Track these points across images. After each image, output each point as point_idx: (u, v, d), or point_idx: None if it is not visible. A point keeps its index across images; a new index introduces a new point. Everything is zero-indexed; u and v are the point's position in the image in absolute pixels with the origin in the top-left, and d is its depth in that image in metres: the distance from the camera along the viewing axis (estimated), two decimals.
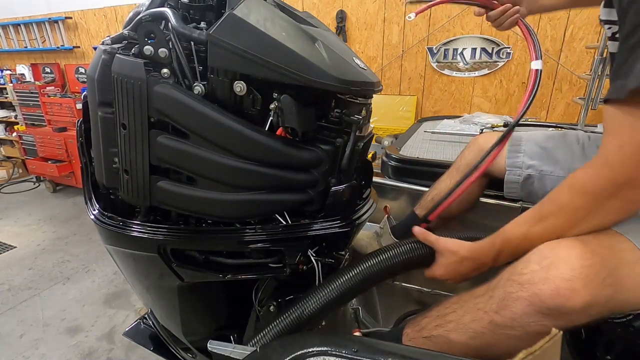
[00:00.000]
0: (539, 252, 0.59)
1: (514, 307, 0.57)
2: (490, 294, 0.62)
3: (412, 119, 2.92)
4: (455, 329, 0.64)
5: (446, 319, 0.66)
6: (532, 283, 0.56)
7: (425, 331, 0.67)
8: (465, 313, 0.64)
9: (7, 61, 5.16)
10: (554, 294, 0.54)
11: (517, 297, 0.57)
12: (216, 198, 0.68)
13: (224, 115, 0.63)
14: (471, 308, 0.64)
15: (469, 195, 1.11)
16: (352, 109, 0.71)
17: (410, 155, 1.40)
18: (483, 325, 0.61)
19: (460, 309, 0.65)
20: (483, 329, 0.61)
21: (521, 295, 0.57)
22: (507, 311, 0.58)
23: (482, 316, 0.61)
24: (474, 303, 0.64)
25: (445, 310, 0.67)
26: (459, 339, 0.63)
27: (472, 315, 0.63)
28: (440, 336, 0.65)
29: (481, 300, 0.63)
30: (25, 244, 3.18)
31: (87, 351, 2.02)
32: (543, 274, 0.56)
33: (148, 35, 0.63)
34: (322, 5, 3.10)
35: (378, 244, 1.17)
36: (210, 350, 0.81)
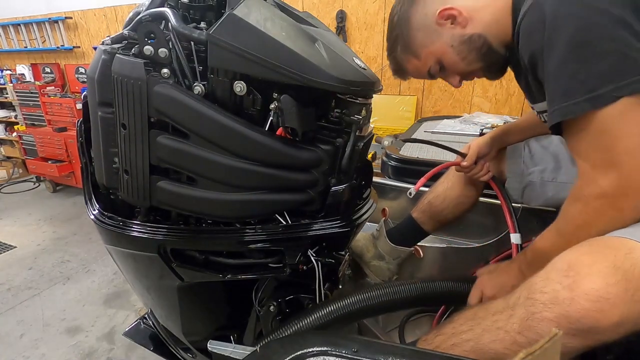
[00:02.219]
0: (557, 269, 0.57)
1: (539, 328, 0.54)
2: (509, 312, 0.59)
3: (412, 119, 2.92)
4: (474, 350, 0.60)
5: (462, 337, 0.62)
6: (557, 303, 0.54)
7: (440, 350, 0.64)
8: (483, 332, 0.61)
9: (7, 61, 5.16)
10: (582, 316, 0.52)
11: (542, 317, 0.54)
12: (216, 198, 0.68)
13: (224, 115, 0.63)
14: (490, 327, 0.60)
15: (466, 199, 1.11)
16: (352, 109, 0.71)
17: (410, 155, 1.40)
18: (505, 346, 0.58)
19: (477, 326, 0.62)
20: (505, 350, 0.57)
21: (546, 316, 0.54)
22: (532, 332, 0.55)
23: (504, 336, 0.58)
24: (492, 321, 0.61)
25: (460, 328, 0.64)
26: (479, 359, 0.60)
27: (492, 335, 0.59)
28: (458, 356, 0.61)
29: (500, 318, 0.60)
30: (25, 244, 3.18)
31: (87, 351, 2.02)
32: (567, 295, 0.53)
33: (148, 35, 0.63)
34: (322, 5, 3.10)
35: (374, 247, 1.17)
36: (210, 350, 0.81)
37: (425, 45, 0.83)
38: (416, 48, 0.85)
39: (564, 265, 0.56)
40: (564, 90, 0.63)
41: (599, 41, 0.59)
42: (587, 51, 0.59)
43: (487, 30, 0.79)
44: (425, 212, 1.12)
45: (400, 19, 0.85)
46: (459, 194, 1.11)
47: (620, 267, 0.53)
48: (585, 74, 0.60)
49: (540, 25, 0.63)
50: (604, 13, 0.58)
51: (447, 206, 1.11)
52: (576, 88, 0.61)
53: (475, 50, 0.81)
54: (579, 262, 0.56)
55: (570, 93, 0.62)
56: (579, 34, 0.60)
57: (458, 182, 1.13)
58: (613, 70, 0.59)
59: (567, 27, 0.60)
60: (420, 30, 0.83)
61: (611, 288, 0.52)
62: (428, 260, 1.29)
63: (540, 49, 0.64)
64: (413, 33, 0.83)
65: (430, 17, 0.81)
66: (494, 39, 0.79)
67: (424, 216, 1.12)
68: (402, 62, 0.90)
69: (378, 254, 1.16)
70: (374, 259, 1.16)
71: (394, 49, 0.88)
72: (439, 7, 0.79)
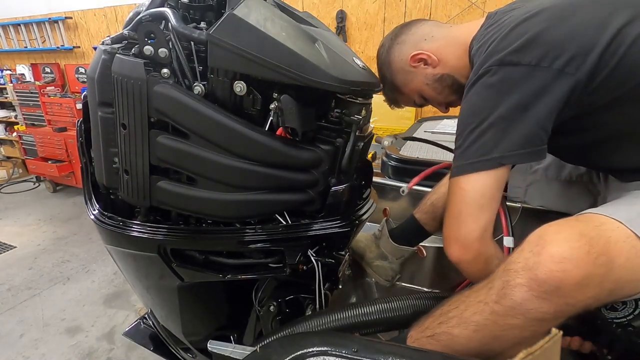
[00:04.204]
0: (529, 241, 0.60)
1: (513, 294, 0.58)
2: (489, 285, 0.63)
3: (412, 119, 2.92)
4: (458, 324, 0.64)
5: (448, 315, 0.66)
6: (527, 269, 0.57)
7: (429, 330, 0.68)
8: (466, 307, 0.64)
9: (7, 61, 5.16)
10: (548, 277, 0.55)
11: (515, 284, 0.58)
12: (216, 198, 0.68)
13: (224, 115, 0.63)
14: (472, 302, 0.64)
15: None
16: (352, 109, 0.71)
17: (410, 155, 1.40)
18: (485, 317, 0.61)
19: (462, 304, 0.66)
20: (485, 321, 0.61)
21: (519, 282, 0.58)
22: (507, 299, 0.58)
23: (483, 308, 0.61)
24: (474, 297, 0.65)
25: (447, 308, 0.68)
26: (462, 333, 0.63)
27: (473, 308, 0.63)
28: (443, 333, 0.65)
29: (481, 293, 0.63)
30: (25, 244, 3.18)
31: (87, 351, 2.03)
32: (535, 259, 0.57)
33: (148, 35, 0.63)
34: (322, 5, 3.10)
35: (377, 247, 1.17)
36: (210, 350, 0.81)
37: (406, 84, 0.96)
38: (399, 86, 0.97)
39: (535, 237, 0.60)
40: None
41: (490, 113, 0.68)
42: (485, 123, 0.68)
43: (454, 70, 0.89)
44: (428, 213, 1.12)
45: (383, 63, 0.97)
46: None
47: (586, 234, 0.57)
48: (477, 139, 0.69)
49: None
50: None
51: None
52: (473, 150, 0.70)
53: (447, 87, 0.91)
54: (547, 232, 0.59)
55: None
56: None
57: None
58: (500, 140, 0.67)
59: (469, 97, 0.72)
60: (400, 73, 0.95)
61: (574, 250, 0.56)
62: (429, 260, 1.29)
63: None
64: (394, 75, 0.96)
65: (405, 60, 0.92)
66: (461, 76, 0.88)
67: (427, 217, 1.12)
68: (392, 97, 1.04)
69: (381, 253, 1.16)
70: (377, 258, 1.16)
71: (384, 86, 1.00)
72: (412, 51, 0.90)
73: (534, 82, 0.65)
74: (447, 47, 0.88)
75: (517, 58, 0.66)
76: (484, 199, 0.70)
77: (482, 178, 0.69)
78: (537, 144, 0.68)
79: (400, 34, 0.94)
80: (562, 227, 0.60)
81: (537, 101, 0.66)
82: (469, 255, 0.73)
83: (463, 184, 0.71)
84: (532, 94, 0.65)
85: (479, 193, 0.70)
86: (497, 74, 0.68)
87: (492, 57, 0.69)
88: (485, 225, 0.71)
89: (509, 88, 0.67)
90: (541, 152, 0.69)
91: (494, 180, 0.70)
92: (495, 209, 0.72)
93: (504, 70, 0.67)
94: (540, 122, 0.66)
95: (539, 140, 0.67)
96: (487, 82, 0.69)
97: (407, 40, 0.92)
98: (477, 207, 0.70)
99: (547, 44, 0.65)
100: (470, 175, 0.70)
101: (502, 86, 0.67)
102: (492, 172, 0.69)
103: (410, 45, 0.91)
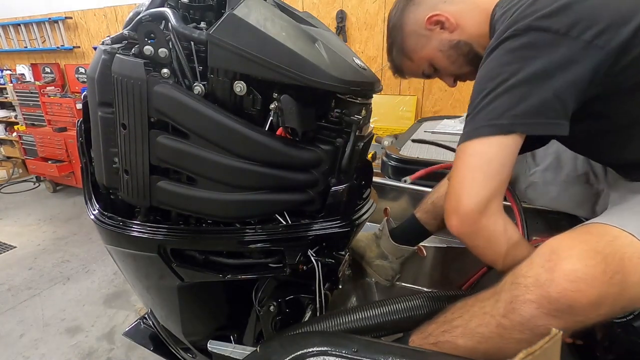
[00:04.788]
0: (540, 254, 0.59)
1: (522, 310, 0.56)
2: (496, 297, 0.61)
3: (412, 119, 2.92)
4: (463, 334, 0.62)
5: (453, 324, 0.65)
6: (538, 285, 0.55)
7: (432, 337, 0.66)
8: (472, 317, 0.63)
9: (7, 61, 5.16)
10: (561, 296, 0.53)
11: (524, 300, 0.56)
12: (216, 198, 0.68)
13: (224, 115, 0.63)
14: (477, 312, 0.62)
15: None
16: (352, 109, 0.71)
17: (410, 155, 1.40)
18: (491, 330, 0.59)
19: (466, 313, 0.64)
20: (491, 334, 0.59)
21: (529, 298, 0.56)
22: (515, 315, 0.57)
23: (490, 320, 0.60)
24: (480, 307, 0.63)
25: (451, 316, 0.66)
26: (467, 344, 0.62)
27: (479, 319, 0.62)
28: (447, 342, 0.64)
29: (487, 304, 0.62)
30: (25, 244, 3.18)
31: (87, 351, 2.03)
32: (548, 276, 0.55)
33: (148, 35, 0.63)
34: (322, 5, 3.10)
35: (377, 247, 1.17)
36: (210, 350, 0.81)
37: (417, 49, 0.89)
38: (409, 52, 0.91)
39: (547, 250, 0.58)
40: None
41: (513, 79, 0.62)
42: (500, 88, 0.63)
43: (472, 38, 0.83)
44: (429, 212, 1.12)
45: (395, 26, 0.90)
46: None
47: (601, 251, 0.56)
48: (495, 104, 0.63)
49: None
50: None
51: None
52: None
53: (462, 55, 0.85)
54: (560, 246, 0.58)
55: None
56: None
57: None
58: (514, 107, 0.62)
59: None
60: (412, 36, 0.88)
61: (589, 269, 0.54)
62: (429, 260, 1.29)
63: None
64: (406, 38, 0.89)
65: (420, 22, 0.86)
66: (478, 45, 0.83)
67: (428, 216, 1.12)
68: (398, 65, 0.96)
69: (381, 253, 1.16)
70: (377, 258, 1.16)
71: (391, 52, 0.95)
72: (428, 12, 0.84)
73: (559, 52, 0.60)
74: (467, 12, 0.82)
75: (546, 24, 0.61)
76: (490, 167, 0.64)
77: (489, 143, 0.63)
78: (551, 117, 0.62)
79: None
80: (576, 242, 0.58)
81: (560, 72, 0.61)
82: (468, 227, 0.66)
83: (469, 149, 0.65)
84: (556, 63, 0.60)
85: (485, 160, 0.64)
86: (521, 39, 0.62)
87: (518, 22, 0.64)
88: (489, 196, 0.64)
89: (532, 54, 0.61)
90: (556, 126, 0.62)
91: (503, 148, 0.63)
92: (503, 181, 0.65)
93: (530, 36, 0.62)
94: (560, 94, 0.61)
95: (554, 113, 0.62)
96: (509, 46, 0.64)
97: (424, 1, 0.86)
98: (481, 175, 0.64)
99: (579, 12, 0.60)
100: (477, 140, 0.64)
101: (525, 52, 0.62)
102: (501, 138, 0.63)
103: (427, 7, 0.85)
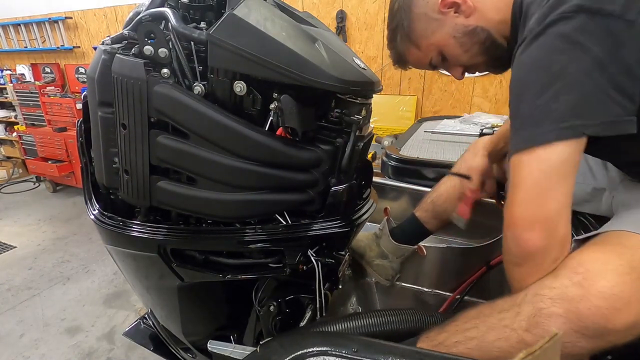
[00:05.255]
0: (567, 267, 0.55)
1: (548, 324, 0.52)
2: (516, 309, 0.56)
3: (412, 119, 2.92)
4: (479, 347, 0.58)
5: (467, 335, 0.60)
6: (566, 299, 0.51)
7: (443, 347, 0.61)
8: (488, 330, 0.58)
9: (7, 61, 5.16)
10: (593, 314, 0.49)
11: (550, 313, 0.52)
12: (216, 198, 0.68)
13: (224, 115, 0.63)
14: (495, 324, 0.58)
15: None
16: (352, 109, 0.71)
17: (410, 155, 1.40)
18: (511, 345, 0.55)
19: (482, 324, 0.59)
20: (511, 349, 0.55)
21: (555, 311, 0.52)
22: (540, 329, 0.52)
23: (510, 334, 0.55)
24: (498, 319, 0.58)
25: (465, 325, 0.61)
26: (482, 358, 0.57)
27: (497, 332, 0.57)
28: (461, 354, 0.59)
29: (507, 316, 0.57)
30: (25, 244, 3.18)
31: (87, 351, 2.02)
32: (577, 291, 0.51)
33: (148, 35, 0.63)
34: (322, 5, 3.10)
35: (377, 246, 1.17)
36: (210, 350, 0.81)
37: (427, 35, 0.80)
38: (417, 38, 0.81)
39: (573, 263, 0.54)
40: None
41: (574, 75, 0.56)
42: (559, 83, 0.56)
43: (491, 24, 0.75)
44: (429, 212, 1.12)
45: (401, 7, 0.81)
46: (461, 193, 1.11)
47: (637, 267, 0.52)
48: (556, 104, 0.56)
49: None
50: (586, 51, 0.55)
51: (451, 204, 1.11)
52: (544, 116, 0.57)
53: (478, 43, 0.77)
54: (591, 259, 0.54)
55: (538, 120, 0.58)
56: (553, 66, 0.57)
57: (460, 181, 1.12)
58: (580, 106, 0.56)
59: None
60: (422, 20, 0.79)
61: (626, 286, 0.50)
62: (429, 260, 1.29)
63: None
64: (414, 22, 0.80)
65: (432, 5, 0.77)
66: (497, 33, 0.75)
67: (427, 215, 1.12)
68: (402, 52, 0.86)
69: (381, 252, 1.16)
70: (377, 257, 1.16)
71: (395, 38, 0.85)
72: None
73: (618, 37, 0.53)
74: None
75: (597, 4, 0.54)
76: (567, 170, 0.57)
77: (561, 148, 0.56)
78: (627, 113, 0.55)
79: None
80: (610, 257, 0.53)
81: (618, 61, 0.54)
82: (553, 239, 0.58)
83: (539, 156, 0.57)
84: (612, 51, 0.54)
85: (561, 164, 0.57)
86: (572, 22, 0.55)
87: (564, 2, 0.56)
88: (568, 203, 0.58)
89: (588, 40, 0.54)
90: (628, 124, 0.55)
91: (575, 152, 0.57)
92: (573, 186, 0.59)
93: (581, 18, 0.54)
94: (624, 87, 0.55)
95: (629, 109, 0.55)
96: (560, 31, 0.56)
97: None
98: (559, 180, 0.57)
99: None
100: (546, 145, 0.56)
101: (581, 37, 0.54)
102: (572, 142, 0.56)
103: None
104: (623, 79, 0.54)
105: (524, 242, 0.59)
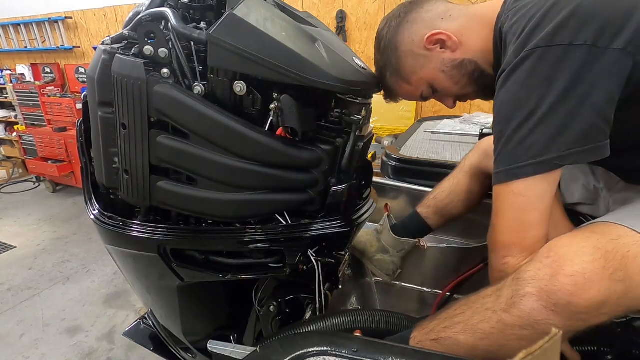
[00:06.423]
0: (541, 252, 0.59)
1: (522, 304, 0.56)
2: (498, 294, 0.61)
3: (412, 119, 2.92)
4: (464, 330, 0.62)
5: (454, 320, 0.64)
6: (537, 279, 0.55)
7: (433, 334, 0.66)
8: (473, 314, 0.62)
9: (7, 61, 5.16)
10: (559, 290, 0.53)
11: (524, 293, 0.56)
12: (216, 198, 0.68)
13: (224, 115, 0.63)
14: (479, 309, 0.62)
15: (472, 196, 1.11)
16: (352, 109, 0.71)
17: (410, 155, 1.40)
18: (492, 326, 0.59)
19: (468, 310, 0.64)
20: (492, 329, 0.59)
21: (528, 291, 0.56)
22: (516, 309, 0.56)
23: (491, 316, 0.59)
24: (481, 303, 0.62)
25: (453, 312, 0.66)
26: (468, 340, 0.61)
27: (480, 315, 0.61)
28: (448, 338, 0.63)
29: (489, 300, 0.61)
30: (25, 244, 3.18)
31: (87, 351, 2.03)
32: (547, 271, 0.55)
33: (148, 35, 0.63)
34: (322, 5, 3.10)
35: (378, 241, 1.17)
36: (210, 350, 0.81)
37: (416, 71, 0.82)
38: (406, 74, 0.83)
39: (545, 249, 0.59)
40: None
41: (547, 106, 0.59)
42: (533, 119, 0.59)
43: (477, 55, 0.77)
44: (431, 207, 1.12)
45: (387, 46, 0.82)
46: (465, 190, 1.11)
47: (601, 248, 0.55)
48: (532, 138, 0.60)
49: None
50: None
51: (452, 201, 1.10)
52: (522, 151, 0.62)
53: (467, 75, 0.79)
54: (560, 244, 0.58)
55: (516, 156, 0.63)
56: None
57: (464, 178, 1.13)
58: (553, 139, 0.59)
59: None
60: (409, 57, 0.81)
61: (587, 265, 0.53)
62: (429, 260, 1.29)
63: None
64: (402, 60, 0.82)
65: (418, 42, 0.79)
66: (484, 62, 0.77)
67: (429, 211, 1.12)
68: (393, 88, 0.88)
69: (382, 247, 1.16)
70: (378, 252, 1.16)
71: (384, 75, 0.86)
72: (427, 32, 0.77)
73: (591, 66, 0.55)
74: (470, 27, 0.76)
75: (569, 36, 0.56)
76: (545, 200, 0.63)
77: (538, 182, 0.61)
78: (599, 139, 0.58)
79: (410, 12, 0.80)
80: (576, 240, 0.57)
81: (595, 88, 0.56)
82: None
83: (518, 190, 0.63)
84: (590, 79, 0.56)
85: (538, 197, 0.62)
86: (544, 57, 0.58)
87: (535, 35, 0.59)
88: (546, 226, 0.64)
89: (560, 73, 0.56)
90: (604, 148, 0.59)
91: (552, 182, 0.62)
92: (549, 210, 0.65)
93: (553, 52, 0.57)
94: (602, 112, 0.57)
95: (601, 134, 0.58)
96: (531, 66, 0.59)
97: (420, 19, 0.79)
98: (536, 210, 0.63)
99: (604, 18, 0.55)
100: (524, 180, 0.62)
101: (551, 71, 0.57)
102: (548, 175, 0.61)
103: (424, 25, 0.78)
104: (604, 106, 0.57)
105: (505, 264, 0.66)
